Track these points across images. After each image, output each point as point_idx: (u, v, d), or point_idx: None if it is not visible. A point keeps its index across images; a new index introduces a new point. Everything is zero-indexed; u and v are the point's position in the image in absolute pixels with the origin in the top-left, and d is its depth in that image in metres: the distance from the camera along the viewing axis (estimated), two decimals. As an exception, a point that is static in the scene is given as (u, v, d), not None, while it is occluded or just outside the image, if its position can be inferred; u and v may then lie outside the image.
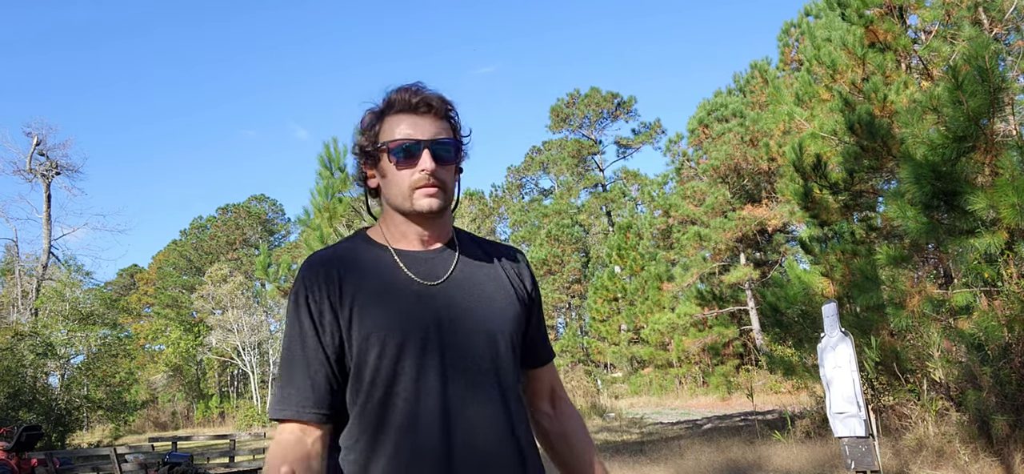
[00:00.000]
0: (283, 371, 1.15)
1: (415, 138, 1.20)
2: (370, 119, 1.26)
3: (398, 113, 1.23)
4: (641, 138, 45.41)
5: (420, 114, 1.22)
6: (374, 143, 1.24)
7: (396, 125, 1.22)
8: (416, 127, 1.21)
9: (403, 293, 1.19)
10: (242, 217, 51.43)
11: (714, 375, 22.40)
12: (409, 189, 1.20)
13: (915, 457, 6.29)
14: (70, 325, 21.75)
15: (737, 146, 19.16)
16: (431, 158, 1.20)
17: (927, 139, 5.80)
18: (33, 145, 23.47)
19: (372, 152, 1.24)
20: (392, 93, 1.24)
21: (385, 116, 1.24)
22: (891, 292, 6.51)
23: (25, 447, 8.78)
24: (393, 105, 1.23)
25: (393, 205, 1.24)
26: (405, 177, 1.20)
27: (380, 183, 1.26)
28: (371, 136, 1.24)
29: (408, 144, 1.20)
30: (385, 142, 1.22)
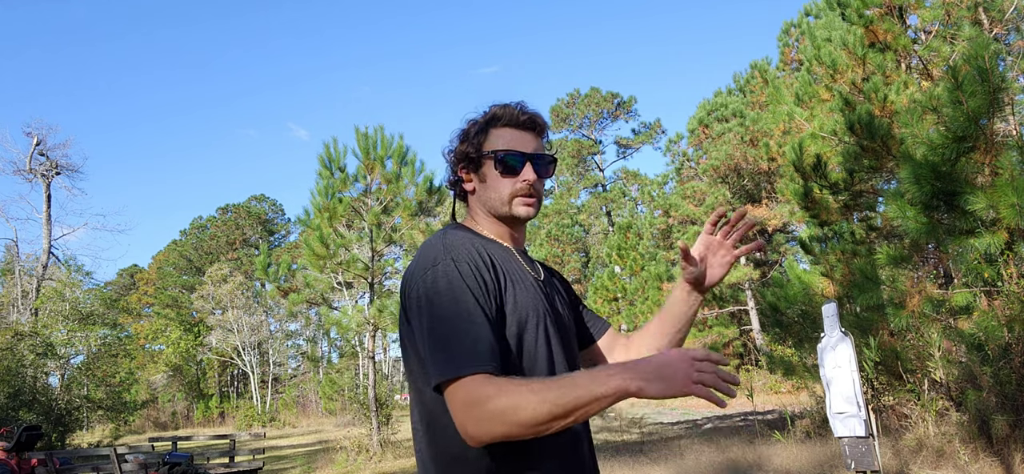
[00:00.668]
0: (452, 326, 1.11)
1: (521, 151, 1.32)
2: (474, 127, 1.35)
3: (504, 126, 1.34)
4: (641, 138, 45.43)
5: (524, 130, 1.35)
6: (479, 150, 1.33)
7: (501, 136, 1.33)
8: (521, 141, 1.33)
9: (529, 282, 1.29)
10: (242, 217, 51.42)
11: (714, 375, 22.39)
12: (510, 196, 1.32)
13: (915, 457, 6.29)
14: (70, 325, 21.75)
15: (737, 146, 19.16)
16: (533, 171, 1.32)
17: (927, 139, 5.79)
18: (33, 145, 23.47)
19: (476, 158, 1.33)
20: (498, 107, 1.35)
21: (491, 127, 1.34)
22: (891, 292, 6.51)
23: (25, 447, 8.78)
24: (499, 118, 1.34)
25: (490, 208, 1.34)
26: (508, 185, 1.32)
27: (477, 187, 1.36)
28: (476, 143, 1.34)
29: (515, 155, 1.31)
30: (492, 151, 1.32)
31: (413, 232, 13.34)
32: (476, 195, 1.36)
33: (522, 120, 1.34)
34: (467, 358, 1.08)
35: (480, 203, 1.36)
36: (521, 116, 1.34)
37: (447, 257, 1.19)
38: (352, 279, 13.93)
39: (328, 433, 21.02)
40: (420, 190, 13.06)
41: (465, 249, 1.21)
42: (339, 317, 13.22)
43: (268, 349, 43.08)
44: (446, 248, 1.21)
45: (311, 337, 45.01)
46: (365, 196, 13.26)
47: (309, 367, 43.74)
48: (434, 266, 1.18)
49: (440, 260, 1.18)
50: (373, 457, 12.12)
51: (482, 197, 1.35)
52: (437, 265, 1.18)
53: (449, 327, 1.12)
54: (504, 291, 1.21)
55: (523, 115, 1.34)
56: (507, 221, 1.34)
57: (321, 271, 12.85)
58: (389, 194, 13.12)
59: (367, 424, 12.99)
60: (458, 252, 1.20)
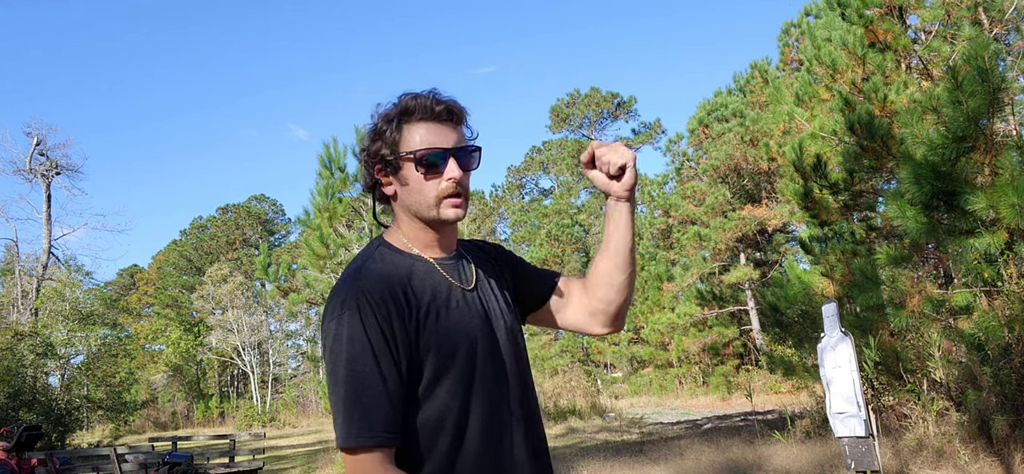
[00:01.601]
0: (350, 389, 1.05)
1: (441, 147, 1.18)
2: (387, 125, 1.22)
3: (419, 120, 1.20)
4: (641, 138, 45.43)
5: (441, 122, 1.20)
6: (394, 150, 1.20)
7: (417, 133, 1.19)
8: (439, 135, 1.19)
9: (458, 300, 1.20)
10: (242, 217, 51.42)
11: (714, 375, 22.40)
12: (436, 199, 1.20)
13: (915, 457, 6.29)
14: (70, 325, 21.75)
15: (737, 146, 19.16)
16: (457, 167, 1.19)
17: (927, 139, 5.79)
18: (33, 145, 23.47)
19: (393, 160, 1.20)
20: (409, 98, 1.21)
21: (404, 123, 1.20)
22: (891, 292, 6.51)
23: (25, 447, 8.78)
24: (412, 112, 1.20)
25: (416, 213, 1.22)
26: (432, 187, 1.19)
27: (398, 191, 1.23)
28: (390, 142, 1.20)
29: (436, 153, 1.18)
30: (410, 151, 1.19)
31: (413, 232, 13.35)
32: (399, 200, 1.24)
33: (437, 111, 1.19)
34: (363, 431, 1.04)
35: (403, 208, 1.24)
36: (436, 106, 1.19)
37: (354, 304, 1.09)
38: (352, 279, 13.91)
39: (328, 433, 21.01)
40: (420, 190, 13.07)
41: (377, 290, 1.11)
42: (339, 317, 13.23)
43: (268, 349, 43.08)
44: (357, 291, 1.11)
45: (311, 337, 45.00)
46: (365, 196, 13.26)
47: (309, 367, 43.71)
48: (341, 315, 1.09)
49: (348, 307, 1.09)
50: (373, 457, 12.12)
51: (405, 201, 1.22)
52: (343, 314, 1.09)
53: (349, 389, 1.06)
54: (421, 330, 1.13)
55: (438, 105, 1.19)
56: (434, 225, 1.23)
57: (321, 271, 12.86)
58: (389, 194, 13.13)
59: (367, 424, 12.99)
60: (369, 295, 1.10)
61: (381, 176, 1.24)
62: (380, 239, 1.27)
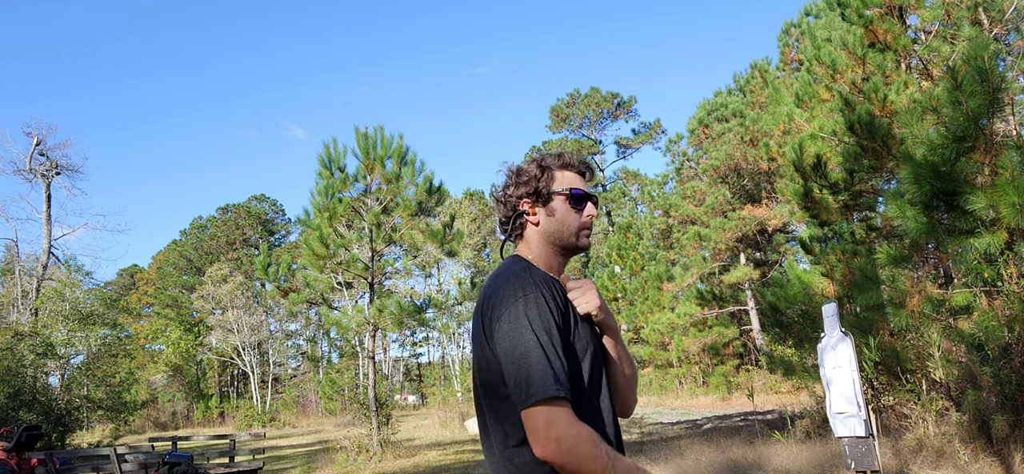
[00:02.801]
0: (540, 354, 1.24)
1: (586, 190, 1.50)
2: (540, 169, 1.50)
3: (573, 171, 1.51)
4: (641, 138, 45.43)
5: (586, 178, 1.53)
6: (549, 188, 1.48)
7: (568, 178, 1.50)
8: (583, 184, 1.52)
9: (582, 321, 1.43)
10: (242, 217, 51.40)
11: (714, 375, 22.39)
12: (578, 228, 1.48)
13: (915, 457, 6.29)
14: (70, 325, 21.74)
15: (737, 146, 19.15)
16: (594, 207, 1.51)
17: (927, 139, 5.79)
18: (33, 145, 23.47)
19: (545, 195, 1.47)
20: (565, 153, 1.54)
21: (559, 169, 1.50)
22: (891, 292, 6.50)
23: (25, 447, 8.78)
24: (569, 164, 1.52)
25: (556, 239, 1.48)
26: (576, 219, 1.47)
27: (543, 220, 1.48)
28: (546, 181, 1.48)
29: (585, 192, 1.49)
30: (566, 188, 1.47)
31: (413, 232, 13.34)
32: (540, 227, 1.48)
33: (585, 169, 1.53)
34: (558, 385, 1.22)
35: (543, 234, 1.48)
36: (584, 166, 1.54)
37: (534, 289, 1.31)
38: (352, 279, 13.92)
39: (328, 433, 21.03)
40: (420, 190, 13.05)
41: (546, 286, 1.35)
42: (339, 317, 13.22)
43: (268, 349, 43.06)
44: (532, 282, 1.33)
45: (311, 337, 45.01)
46: (365, 196, 13.25)
47: (309, 367, 43.74)
48: (525, 296, 1.29)
49: (528, 291, 1.30)
50: (373, 457, 12.12)
51: (548, 229, 1.47)
52: (527, 295, 1.30)
53: (540, 354, 1.23)
54: (574, 327, 1.36)
55: (585, 165, 1.54)
56: (569, 251, 1.49)
57: (321, 271, 12.85)
58: (389, 194, 13.12)
59: (367, 424, 12.99)
60: (542, 287, 1.33)
61: (529, 206, 1.49)
62: (518, 257, 1.49)
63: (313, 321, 41.63)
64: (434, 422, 20.28)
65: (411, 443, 14.61)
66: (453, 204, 33.77)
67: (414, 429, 19.43)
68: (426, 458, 12.04)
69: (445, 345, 44.64)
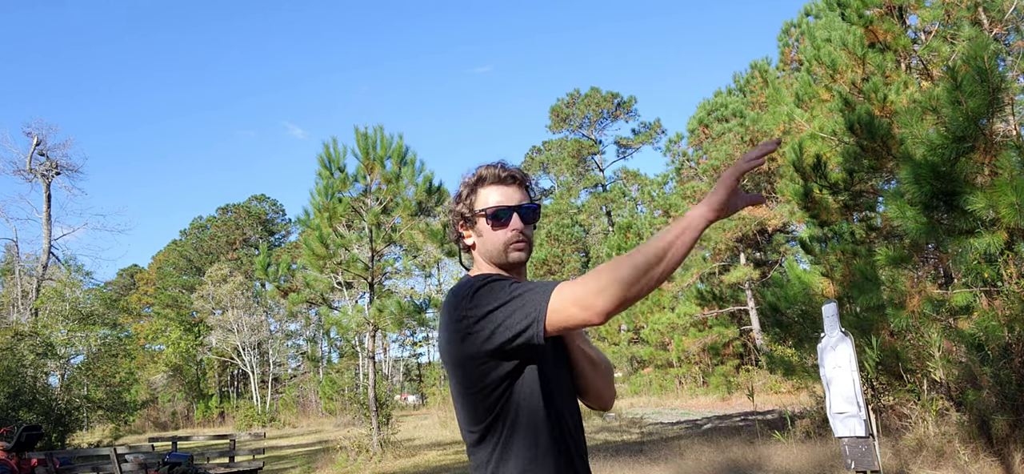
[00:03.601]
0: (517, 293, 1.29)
1: (506, 205, 1.49)
2: (466, 191, 1.54)
3: (490, 185, 1.51)
4: (641, 138, 45.43)
5: (507, 185, 1.51)
6: (471, 210, 1.52)
7: (489, 195, 1.50)
8: (507, 196, 1.50)
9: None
10: (242, 217, 51.40)
11: (714, 375, 22.39)
12: (504, 245, 1.48)
13: (915, 457, 6.29)
14: (70, 325, 21.74)
15: (737, 146, 19.15)
16: (520, 220, 1.49)
17: (927, 139, 5.79)
18: (33, 145, 23.47)
19: (470, 217, 1.52)
20: (483, 168, 1.54)
21: (478, 188, 1.52)
22: (891, 292, 6.50)
23: (25, 447, 8.78)
24: (484, 179, 1.52)
25: (490, 258, 1.51)
26: (501, 236, 1.48)
27: (477, 242, 1.53)
28: (468, 204, 1.52)
29: (503, 210, 1.49)
30: (483, 209, 1.50)
31: (413, 232, 13.34)
32: (477, 248, 1.53)
33: (503, 177, 1.51)
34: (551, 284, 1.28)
35: (482, 254, 1.53)
36: (502, 173, 1.51)
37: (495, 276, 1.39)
38: (352, 279, 13.92)
39: (328, 433, 21.02)
40: (420, 190, 13.05)
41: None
42: (339, 317, 13.22)
43: (268, 349, 43.07)
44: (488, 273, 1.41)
45: (311, 337, 45.01)
46: (365, 196, 13.25)
47: (309, 367, 43.74)
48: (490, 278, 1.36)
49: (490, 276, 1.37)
50: (373, 457, 12.12)
51: (482, 250, 1.52)
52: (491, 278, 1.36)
53: (525, 288, 1.30)
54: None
55: (503, 172, 1.52)
56: (505, 267, 1.50)
57: (321, 271, 12.85)
58: (389, 194, 13.12)
59: (367, 424, 12.99)
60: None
61: (463, 230, 1.55)
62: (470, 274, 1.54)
63: (313, 321, 41.64)
64: (434, 422, 20.28)
65: (411, 443, 14.61)
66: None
67: (414, 429, 19.43)
68: (426, 458, 12.04)
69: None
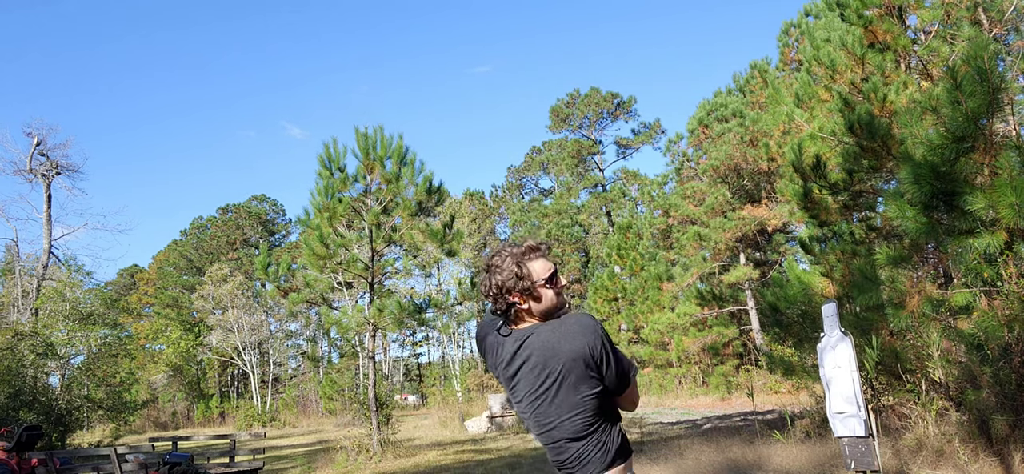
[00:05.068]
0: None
1: (553, 273, 1.96)
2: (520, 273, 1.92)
3: (538, 257, 1.96)
4: (641, 138, 45.43)
5: (545, 253, 2.01)
6: (532, 282, 1.92)
7: (540, 267, 1.94)
8: (550, 262, 1.98)
9: None
10: (242, 217, 51.41)
11: (714, 375, 22.39)
12: (560, 301, 1.96)
13: (915, 457, 6.29)
14: (70, 325, 21.74)
15: (737, 146, 19.16)
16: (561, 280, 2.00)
17: (926, 139, 5.80)
18: (33, 145, 23.47)
19: (531, 289, 1.92)
20: (529, 245, 1.99)
21: (529, 263, 1.94)
22: (891, 292, 6.51)
23: (25, 447, 8.77)
24: (534, 252, 1.96)
25: (547, 314, 1.94)
26: (556, 294, 1.95)
27: (533, 305, 1.93)
28: (527, 280, 1.92)
29: (554, 273, 1.96)
30: (541, 278, 1.93)
31: (413, 232, 13.34)
32: (534, 310, 1.93)
33: (544, 249, 2.01)
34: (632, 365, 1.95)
35: (539, 314, 1.94)
36: (542, 246, 2.01)
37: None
38: (352, 279, 13.92)
39: (328, 433, 21.03)
40: (420, 190, 13.05)
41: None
42: (339, 317, 13.22)
43: (268, 349, 43.07)
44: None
45: (311, 337, 45.01)
46: (365, 196, 13.25)
47: (309, 367, 43.74)
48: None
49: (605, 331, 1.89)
50: (373, 457, 12.13)
51: (541, 309, 1.93)
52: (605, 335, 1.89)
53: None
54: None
55: (543, 244, 2.01)
56: (552, 315, 1.94)
57: (321, 271, 12.85)
58: (389, 194, 13.12)
59: (367, 424, 12.99)
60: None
61: (520, 300, 1.92)
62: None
63: (313, 321, 41.64)
64: (434, 422, 20.28)
65: (411, 443, 14.61)
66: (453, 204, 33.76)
67: (414, 429, 19.43)
68: (426, 458, 12.05)
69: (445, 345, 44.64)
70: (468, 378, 37.72)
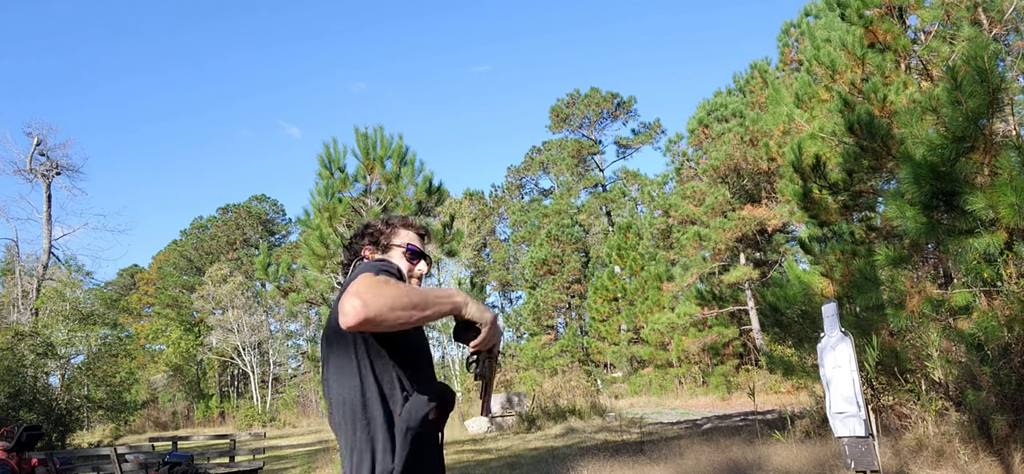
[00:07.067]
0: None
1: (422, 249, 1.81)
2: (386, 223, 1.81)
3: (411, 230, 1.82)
4: (641, 138, 45.44)
5: (423, 239, 1.84)
6: (389, 240, 1.79)
7: (409, 236, 1.80)
8: (421, 244, 1.82)
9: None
10: (242, 217, 51.41)
11: (714, 375, 22.40)
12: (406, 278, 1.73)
13: (915, 457, 6.30)
14: (70, 325, 21.74)
15: (737, 146, 19.16)
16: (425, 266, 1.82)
17: (926, 139, 5.80)
18: (33, 145, 23.47)
19: (386, 244, 1.78)
20: (411, 217, 1.84)
21: (399, 226, 1.81)
22: (891, 292, 6.51)
23: (25, 447, 8.78)
24: (409, 224, 1.82)
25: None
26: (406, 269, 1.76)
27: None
28: (388, 234, 1.79)
29: (420, 250, 1.80)
30: (404, 242, 1.79)
31: (413, 232, 13.35)
32: None
33: (422, 231, 1.85)
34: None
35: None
36: (423, 228, 1.85)
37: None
38: (352, 279, 13.88)
39: (328, 433, 21.00)
40: (420, 190, 13.06)
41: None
42: (339, 317, 13.21)
43: (268, 349, 43.07)
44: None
45: (311, 337, 44.99)
46: (365, 196, 13.26)
47: (309, 367, 43.67)
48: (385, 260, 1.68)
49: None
50: (373, 457, 12.11)
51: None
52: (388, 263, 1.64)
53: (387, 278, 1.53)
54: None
55: (424, 228, 1.86)
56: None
57: (321, 271, 12.85)
58: (389, 194, 13.12)
59: (367, 424, 12.98)
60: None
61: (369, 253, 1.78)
62: None
63: (313, 321, 41.62)
64: (434, 422, 20.25)
65: (411, 443, 14.58)
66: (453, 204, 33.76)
67: (414, 429, 19.39)
68: (426, 458, 12.02)
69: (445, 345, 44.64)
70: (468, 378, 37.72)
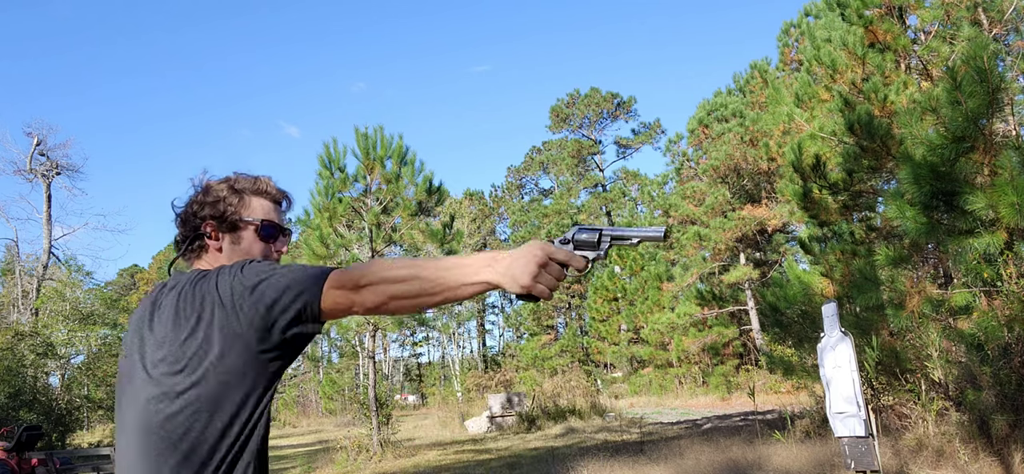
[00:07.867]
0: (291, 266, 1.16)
1: (280, 225, 1.41)
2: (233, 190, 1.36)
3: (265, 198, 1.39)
4: (641, 138, 45.45)
5: (280, 205, 1.43)
6: (239, 215, 1.35)
7: (262, 207, 1.38)
8: (276, 215, 1.41)
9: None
10: (242, 217, 51.42)
11: (714, 375, 22.40)
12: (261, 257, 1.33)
13: (915, 457, 6.30)
14: (70, 325, 21.74)
15: (737, 146, 19.17)
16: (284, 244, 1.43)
17: (926, 139, 5.80)
18: (33, 145, 23.47)
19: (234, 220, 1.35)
20: (263, 180, 1.41)
21: (249, 194, 1.38)
22: (891, 292, 6.51)
23: (25, 447, 8.79)
24: (263, 191, 1.39)
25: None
26: (262, 252, 1.36)
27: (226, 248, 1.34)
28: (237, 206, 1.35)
29: (274, 228, 1.39)
30: (257, 219, 1.36)
31: (413, 232, 13.35)
32: (222, 255, 1.34)
33: (278, 196, 1.42)
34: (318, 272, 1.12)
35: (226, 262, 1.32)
36: (279, 193, 1.42)
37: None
38: (352, 279, 13.88)
39: (328, 433, 21.02)
40: (420, 190, 13.07)
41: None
42: (339, 317, 13.21)
43: (268, 349, 43.02)
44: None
45: (311, 337, 44.98)
46: (365, 196, 13.26)
47: (309, 367, 43.74)
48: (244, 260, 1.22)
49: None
50: (373, 457, 12.13)
51: (231, 259, 1.31)
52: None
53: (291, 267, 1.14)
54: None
55: (280, 193, 1.43)
56: None
57: (321, 271, 12.85)
58: (389, 194, 13.13)
59: (367, 424, 13.00)
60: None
61: (211, 230, 1.34)
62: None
63: (313, 321, 41.56)
64: (434, 422, 20.28)
65: (411, 443, 14.61)
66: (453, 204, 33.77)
67: (414, 429, 19.43)
68: (426, 458, 12.05)
69: (445, 345, 44.68)
70: (468, 378, 37.72)
